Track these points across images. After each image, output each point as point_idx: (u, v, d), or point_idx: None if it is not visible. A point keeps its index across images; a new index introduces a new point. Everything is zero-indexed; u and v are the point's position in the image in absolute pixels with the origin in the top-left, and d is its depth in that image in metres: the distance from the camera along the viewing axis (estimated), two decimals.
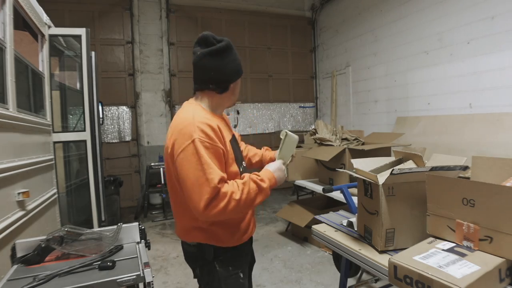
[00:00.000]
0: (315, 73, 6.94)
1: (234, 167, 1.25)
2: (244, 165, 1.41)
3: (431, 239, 1.14)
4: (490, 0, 3.33)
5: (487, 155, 1.39)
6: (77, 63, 3.08)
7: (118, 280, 1.12)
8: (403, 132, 3.77)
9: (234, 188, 1.12)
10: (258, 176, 1.21)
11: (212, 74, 1.24)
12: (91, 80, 2.95)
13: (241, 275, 1.34)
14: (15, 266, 1.27)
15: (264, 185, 1.19)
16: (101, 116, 3.59)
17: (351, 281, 2.34)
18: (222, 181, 1.10)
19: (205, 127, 1.13)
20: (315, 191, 3.36)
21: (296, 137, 1.44)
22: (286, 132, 1.40)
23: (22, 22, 2.34)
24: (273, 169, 1.29)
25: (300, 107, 6.86)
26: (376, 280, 2.46)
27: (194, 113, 1.19)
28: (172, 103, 5.85)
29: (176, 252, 3.55)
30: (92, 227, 2.79)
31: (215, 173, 1.08)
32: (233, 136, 1.38)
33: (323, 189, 2.55)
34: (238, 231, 1.32)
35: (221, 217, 1.11)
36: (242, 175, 1.23)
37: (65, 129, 3.24)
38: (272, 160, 1.79)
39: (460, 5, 3.64)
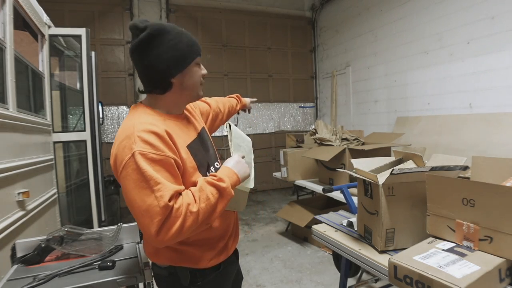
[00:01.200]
0: (315, 73, 6.94)
1: (197, 176, 1.04)
2: (218, 166, 1.18)
3: (431, 239, 1.14)
4: (490, 0, 3.33)
5: (487, 155, 1.39)
6: (77, 63, 3.09)
7: (118, 280, 1.13)
8: (403, 132, 3.77)
9: (189, 199, 0.91)
10: (215, 176, 0.99)
11: (145, 72, 1.03)
12: (91, 80, 2.95)
13: None
14: (15, 266, 1.27)
15: (224, 184, 0.97)
16: (101, 116, 3.59)
17: (351, 281, 2.34)
18: (175, 197, 0.90)
19: (147, 136, 0.92)
20: (315, 191, 3.36)
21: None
22: (229, 124, 1.18)
23: (22, 22, 2.34)
24: (232, 164, 1.06)
25: (300, 107, 6.86)
26: (376, 280, 2.46)
27: (136, 120, 0.98)
28: None
29: None
30: (92, 227, 2.80)
31: (165, 189, 0.88)
32: (199, 135, 1.17)
33: (323, 189, 2.55)
34: (215, 247, 1.11)
35: (179, 238, 0.90)
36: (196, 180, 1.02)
37: (65, 129, 3.25)
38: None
39: (460, 5, 3.64)
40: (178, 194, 0.92)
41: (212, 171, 1.13)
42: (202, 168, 1.09)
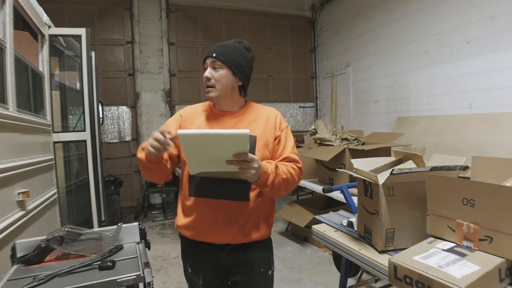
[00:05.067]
0: (315, 73, 6.93)
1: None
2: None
3: (431, 239, 1.14)
4: (490, 0, 3.33)
5: (487, 155, 1.39)
6: (77, 63, 3.08)
7: (118, 280, 1.12)
8: (403, 132, 3.77)
9: None
10: None
11: None
12: (91, 80, 2.95)
13: (189, 270, 1.35)
14: (15, 266, 1.27)
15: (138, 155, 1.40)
16: (101, 116, 3.59)
17: (351, 281, 2.34)
18: None
19: (177, 113, 1.45)
20: (315, 191, 3.36)
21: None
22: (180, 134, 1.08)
23: (22, 22, 2.34)
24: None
25: (300, 107, 6.85)
26: (376, 280, 2.46)
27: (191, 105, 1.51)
28: (172, 103, 5.84)
29: (176, 252, 3.54)
30: (92, 227, 2.79)
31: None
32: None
33: (323, 189, 2.55)
34: (183, 219, 1.33)
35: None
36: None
37: (65, 129, 3.24)
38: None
39: (460, 5, 3.64)
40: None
41: None
42: None
